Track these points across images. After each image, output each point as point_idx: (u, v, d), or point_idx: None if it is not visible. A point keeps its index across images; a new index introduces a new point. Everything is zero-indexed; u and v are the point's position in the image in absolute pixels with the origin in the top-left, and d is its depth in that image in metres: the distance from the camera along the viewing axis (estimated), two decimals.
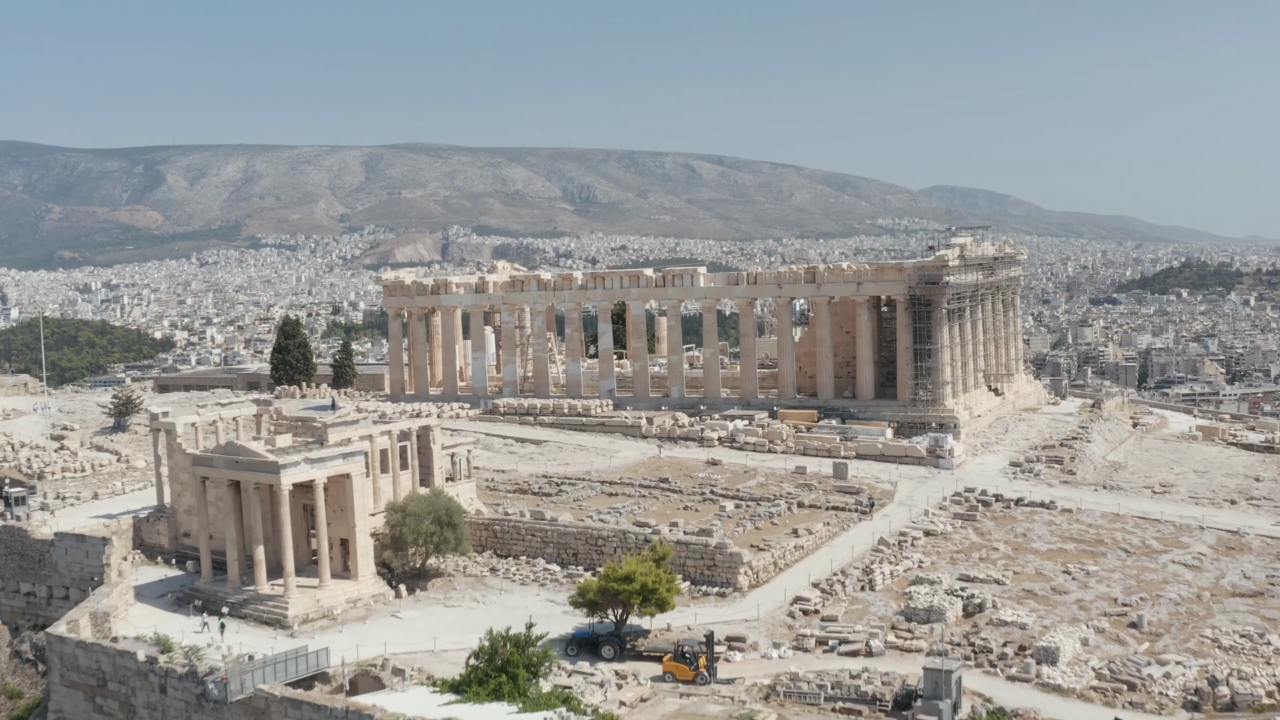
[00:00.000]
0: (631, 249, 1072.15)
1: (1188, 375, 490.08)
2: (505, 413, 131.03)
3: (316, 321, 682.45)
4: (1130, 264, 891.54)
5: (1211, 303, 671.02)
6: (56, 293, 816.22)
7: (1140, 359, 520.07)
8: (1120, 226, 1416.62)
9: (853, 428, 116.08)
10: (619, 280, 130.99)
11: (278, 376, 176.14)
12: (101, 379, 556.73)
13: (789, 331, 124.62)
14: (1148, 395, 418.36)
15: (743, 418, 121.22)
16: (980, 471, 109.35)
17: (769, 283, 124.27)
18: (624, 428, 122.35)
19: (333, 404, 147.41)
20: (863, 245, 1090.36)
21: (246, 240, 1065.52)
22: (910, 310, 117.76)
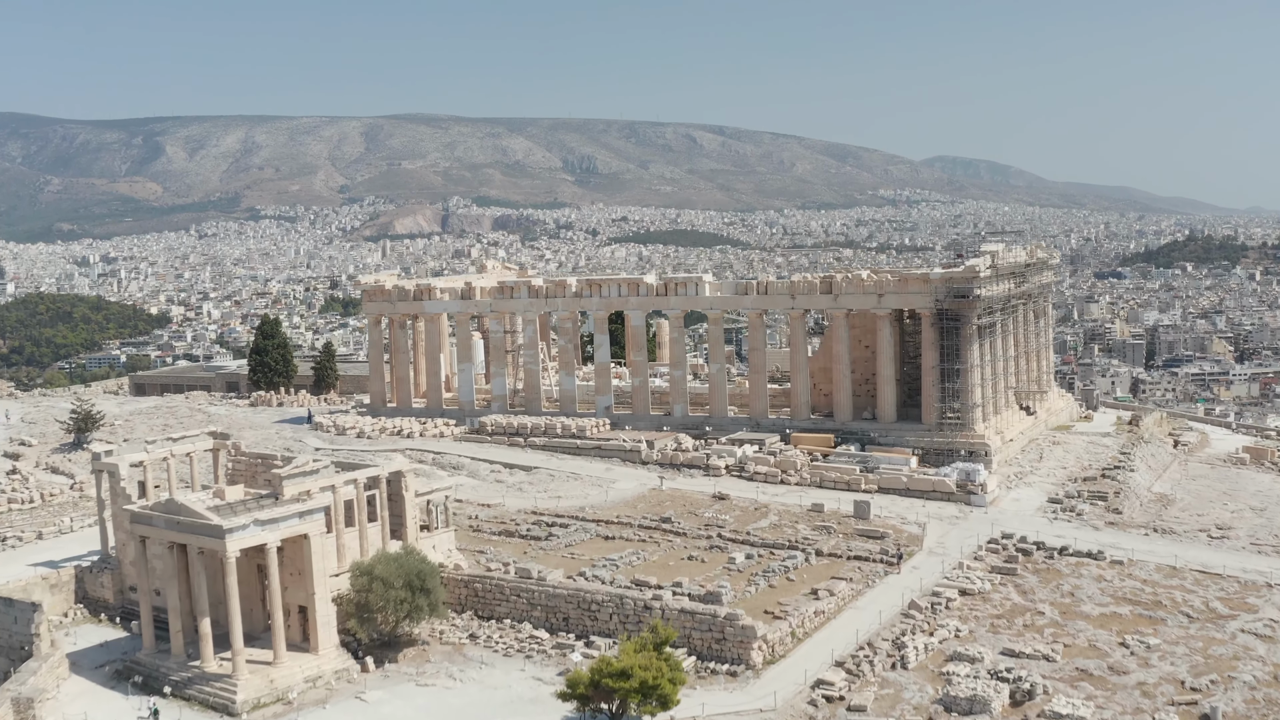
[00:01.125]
0: (632, 220, 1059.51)
1: (1195, 353, 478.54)
2: (493, 432, 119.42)
3: (314, 296, 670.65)
4: (1134, 236, 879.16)
5: (1217, 277, 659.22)
6: (54, 266, 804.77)
7: (1147, 336, 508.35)
8: (1122, 197, 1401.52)
9: (874, 456, 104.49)
10: (616, 288, 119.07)
11: (256, 379, 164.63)
12: (96, 355, 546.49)
13: (803, 346, 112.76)
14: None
15: (752, 442, 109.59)
16: (1016, 510, 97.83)
17: (781, 293, 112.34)
18: (622, 452, 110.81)
19: (309, 416, 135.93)
20: (864, 216, 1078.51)
21: (246, 212, 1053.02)
22: (937, 326, 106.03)
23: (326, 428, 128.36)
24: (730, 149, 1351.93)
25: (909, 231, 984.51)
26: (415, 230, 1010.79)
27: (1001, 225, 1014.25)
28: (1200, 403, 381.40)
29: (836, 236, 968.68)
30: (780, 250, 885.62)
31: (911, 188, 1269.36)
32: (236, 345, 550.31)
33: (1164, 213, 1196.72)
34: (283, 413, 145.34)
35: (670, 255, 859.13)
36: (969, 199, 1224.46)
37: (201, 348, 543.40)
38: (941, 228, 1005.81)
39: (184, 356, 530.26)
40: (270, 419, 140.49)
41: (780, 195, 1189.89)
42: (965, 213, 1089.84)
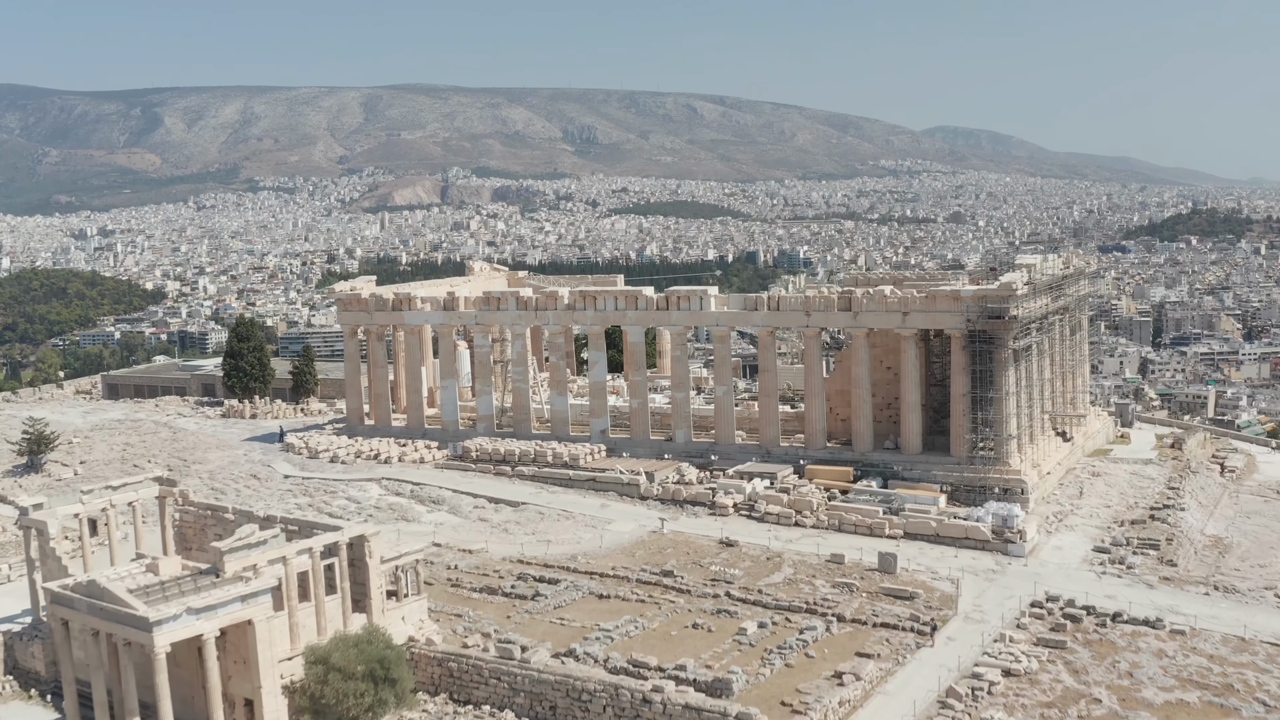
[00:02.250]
0: (632, 191, 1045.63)
1: (1203, 331, 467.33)
2: (478, 459, 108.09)
3: (311, 271, 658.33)
4: (1136, 208, 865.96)
5: (1222, 251, 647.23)
6: (51, 239, 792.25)
7: (1154, 313, 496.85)
8: (1124, 168, 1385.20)
9: (898, 494, 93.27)
10: (613, 300, 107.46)
11: (230, 384, 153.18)
12: (90, 332, 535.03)
13: (818, 367, 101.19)
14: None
15: (763, 475, 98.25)
16: (1059, 561, 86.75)
17: (794, 309, 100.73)
18: (618, 486, 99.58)
19: (281, 434, 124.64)
20: (865, 186, 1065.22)
21: (244, 183, 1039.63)
22: (968, 349, 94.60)
23: (298, 449, 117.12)
24: (731, 119, 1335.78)
25: (910, 202, 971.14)
26: (414, 201, 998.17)
27: (1003, 196, 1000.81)
28: (1211, 384, 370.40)
29: (838, 208, 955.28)
30: (781, 222, 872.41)
31: (913, 158, 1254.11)
32: (231, 322, 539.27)
33: (1166, 183, 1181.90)
34: (255, 426, 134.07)
35: (670, 227, 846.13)
36: (970, 169, 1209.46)
37: (196, 324, 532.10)
38: (943, 199, 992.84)
39: (178, 334, 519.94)
40: (241, 435, 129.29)
41: (781, 166, 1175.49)
42: (966, 183, 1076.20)
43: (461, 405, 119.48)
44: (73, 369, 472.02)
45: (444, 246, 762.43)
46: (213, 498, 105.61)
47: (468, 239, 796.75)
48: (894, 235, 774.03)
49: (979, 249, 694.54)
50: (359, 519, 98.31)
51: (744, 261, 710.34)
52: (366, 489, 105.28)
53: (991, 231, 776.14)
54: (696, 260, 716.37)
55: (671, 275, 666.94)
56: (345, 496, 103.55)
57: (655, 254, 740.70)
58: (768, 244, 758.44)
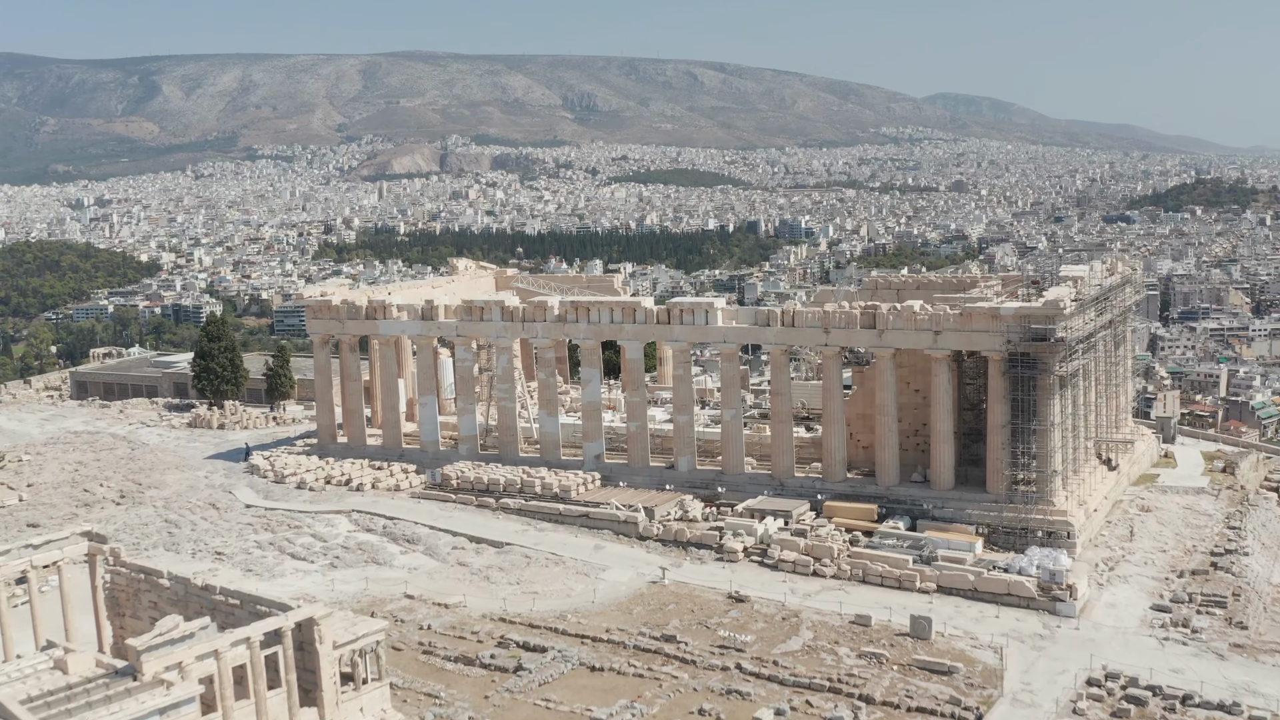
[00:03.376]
0: (632, 159, 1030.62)
1: (1212, 305, 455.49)
2: (459, 488, 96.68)
3: (308, 242, 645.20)
4: (1140, 177, 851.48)
5: (1227, 222, 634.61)
6: (47, 209, 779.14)
7: (1161, 286, 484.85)
8: (1126, 136, 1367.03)
9: (929, 538, 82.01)
10: (609, 312, 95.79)
11: (200, 386, 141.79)
12: (83, 306, 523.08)
13: (838, 390, 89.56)
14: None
15: (776, 512, 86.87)
16: (1114, 623, 75.60)
17: (812, 325, 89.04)
18: (614, 524, 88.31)
19: (246, 452, 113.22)
20: (866, 154, 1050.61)
21: (243, 151, 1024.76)
22: (1009, 374, 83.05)
23: (263, 471, 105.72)
24: (731, 86, 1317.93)
25: (912, 170, 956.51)
26: (413, 169, 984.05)
27: (1005, 164, 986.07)
28: (1222, 361, 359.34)
29: (839, 176, 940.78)
30: (782, 190, 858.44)
31: (914, 125, 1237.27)
32: (226, 294, 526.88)
33: (1168, 151, 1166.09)
34: (221, 439, 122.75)
35: (671, 196, 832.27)
36: (971, 137, 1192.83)
37: (190, 298, 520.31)
38: (945, 167, 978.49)
39: (172, 307, 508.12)
40: (205, 450, 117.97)
41: (782, 133, 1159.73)
42: (968, 151, 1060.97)
43: (443, 421, 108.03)
44: (65, 344, 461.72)
45: (442, 216, 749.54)
46: (165, 532, 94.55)
47: (466, 208, 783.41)
48: (896, 204, 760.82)
49: (982, 219, 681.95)
50: (324, 561, 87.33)
51: (745, 231, 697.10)
52: (335, 523, 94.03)
53: (994, 201, 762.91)
54: (697, 230, 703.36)
55: (672, 245, 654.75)
56: (311, 533, 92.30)
57: (655, 223, 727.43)
58: (769, 213, 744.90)
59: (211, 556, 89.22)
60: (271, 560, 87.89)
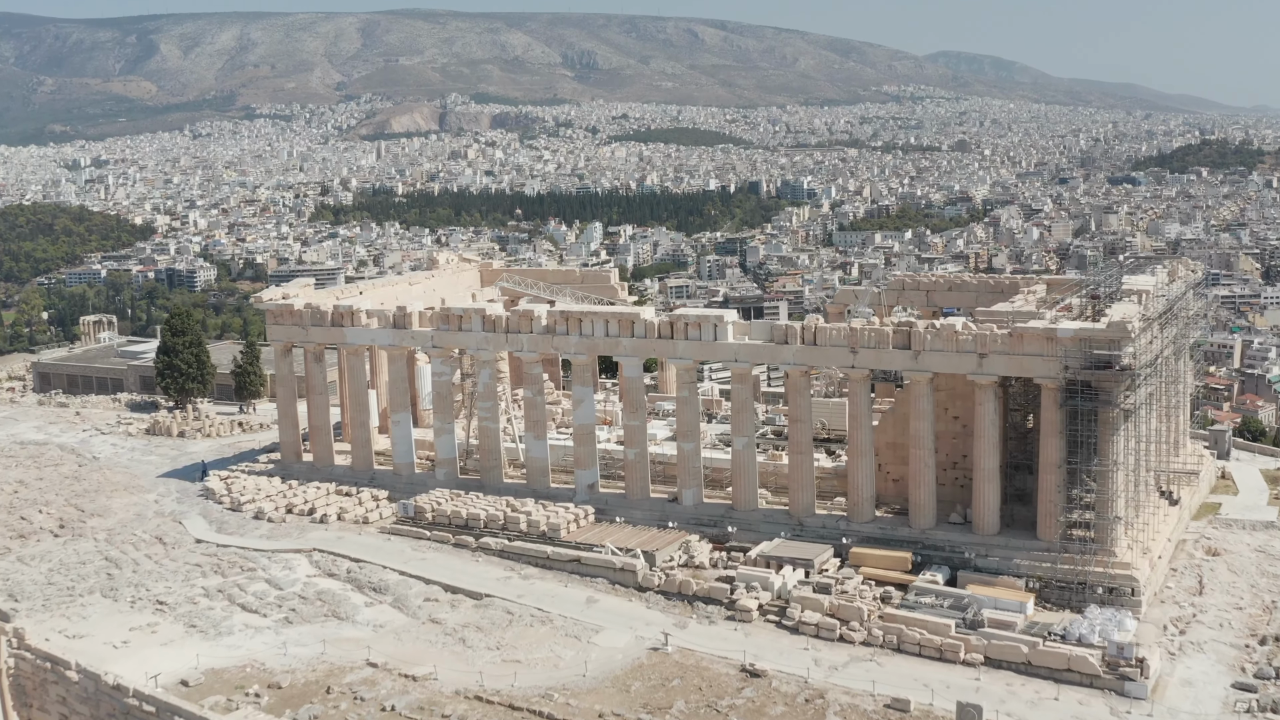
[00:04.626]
0: (633, 118, 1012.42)
1: (1222, 271, 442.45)
2: (435, 522, 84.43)
3: (304, 204, 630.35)
4: (1144, 137, 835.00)
5: (1234, 184, 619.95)
6: (44, 170, 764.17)
7: (1170, 250, 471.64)
8: (1128, 95, 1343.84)
9: (973, 596, 69.95)
10: (603, 324, 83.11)
11: (165, 384, 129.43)
12: (76, 270, 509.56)
13: (866, 418, 77.01)
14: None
15: (795, 560, 74.61)
16: (1193, 709, 63.50)
17: (836, 344, 76.41)
18: (610, 571, 76.25)
19: (203, 471, 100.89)
20: (868, 113, 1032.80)
21: (241, 111, 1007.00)
22: (1066, 406, 70.67)
23: (219, 496, 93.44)
24: (732, 44, 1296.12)
25: (914, 130, 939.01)
26: (412, 128, 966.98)
27: (1007, 123, 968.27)
28: (1235, 331, 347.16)
29: (840, 135, 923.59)
30: (783, 149, 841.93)
31: (916, 84, 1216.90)
32: (221, 259, 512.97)
33: (1171, 111, 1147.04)
34: (180, 451, 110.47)
35: (671, 155, 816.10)
36: (973, 95, 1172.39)
37: (184, 262, 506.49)
38: (947, 126, 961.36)
39: (166, 271, 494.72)
40: (159, 466, 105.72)
41: (783, 91, 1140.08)
42: (970, 110, 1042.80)
43: (421, 438, 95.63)
44: (56, 310, 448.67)
45: (441, 176, 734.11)
46: (105, 573, 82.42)
47: (465, 168, 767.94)
48: (899, 165, 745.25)
49: (986, 180, 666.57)
50: (279, 614, 75.16)
51: (746, 192, 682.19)
52: (294, 565, 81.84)
53: (998, 161, 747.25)
54: (698, 190, 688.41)
55: (672, 206, 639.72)
56: (266, 577, 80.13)
57: (656, 183, 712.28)
58: (770, 173, 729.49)
59: (153, 607, 77.12)
60: (219, 613, 75.78)
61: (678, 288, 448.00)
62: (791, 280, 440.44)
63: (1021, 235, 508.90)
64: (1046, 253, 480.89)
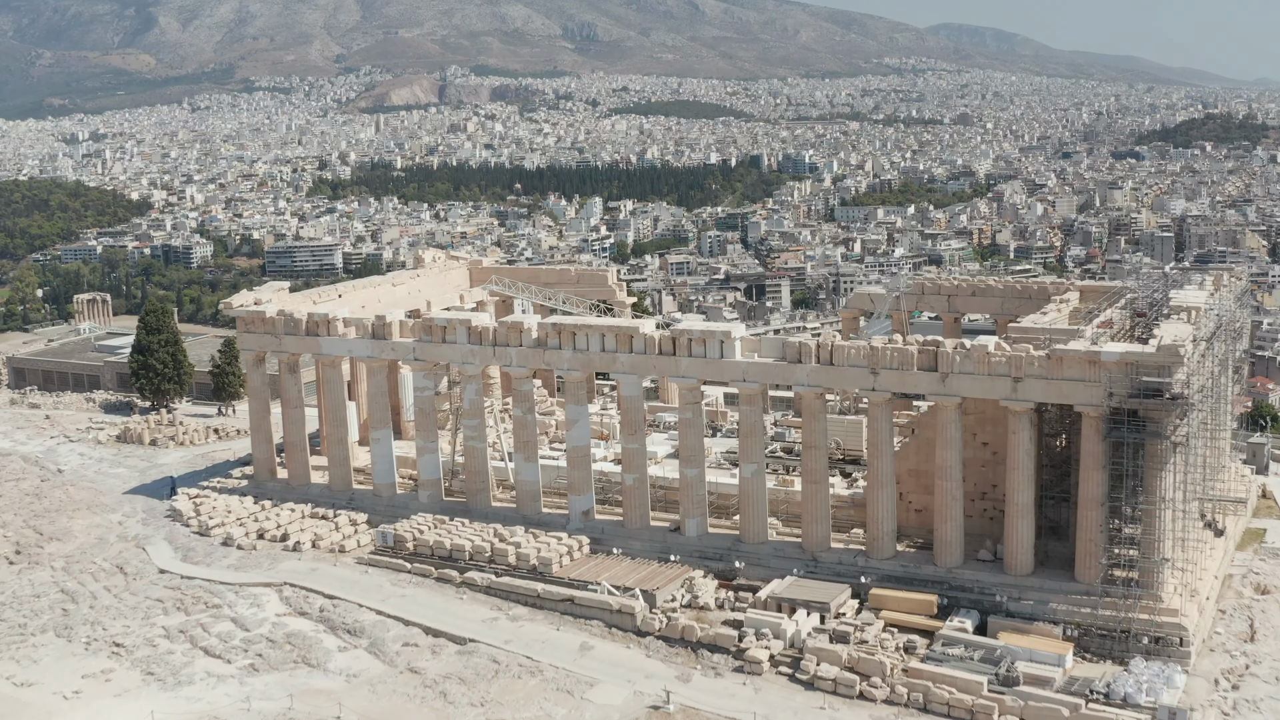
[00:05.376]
0: (633, 90, 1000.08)
1: (1228, 248, 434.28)
2: (416, 552, 77.26)
3: (302, 178, 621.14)
4: (1147, 111, 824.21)
5: (1239, 159, 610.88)
6: (42, 144, 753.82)
7: (1175, 226, 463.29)
8: (1130, 68, 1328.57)
9: (1006, 646, 62.91)
10: (599, 338, 75.77)
11: (140, 385, 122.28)
12: (72, 247, 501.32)
13: (887, 446, 69.70)
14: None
15: (810, 604, 67.46)
16: None
17: (855, 364, 68.97)
18: (605, 613, 69.18)
19: (172, 488, 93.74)
20: (869, 85, 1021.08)
21: (240, 83, 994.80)
22: (1111, 439, 63.41)
23: (187, 519, 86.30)
24: (733, 15, 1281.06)
25: (916, 102, 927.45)
26: (412, 101, 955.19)
27: (1009, 96, 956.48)
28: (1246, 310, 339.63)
29: (841, 107, 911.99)
30: (785, 122, 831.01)
31: (917, 56, 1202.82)
32: (217, 234, 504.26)
33: (1172, 84, 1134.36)
34: (150, 462, 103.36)
35: (672, 129, 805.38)
36: (975, 68, 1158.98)
37: (180, 238, 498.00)
38: (949, 98, 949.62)
39: (162, 248, 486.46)
40: (127, 480, 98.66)
41: (784, 64, 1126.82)
42: (972, 82, 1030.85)
43: (403, 455, 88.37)
44: (51, 287, 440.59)
45: (440, 150, 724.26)
46: (60, 608, 75.61)
47: (465, 141, 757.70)
48: (901, 138, 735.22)
49: (989, 154, 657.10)
50: (244, 660, 68.13)
51: (747, 166, 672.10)
52: (263, 602, 74.72)
53: (1000, 135, 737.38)
54: (699, 164, 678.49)
55: (673, 180, 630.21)
56: (232, 615, 73.07)
57: (656, 157, 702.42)
58: (771, 146, 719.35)
59: (109, 650, 70.18)
60: (180, 658, 68.74)
61: (678, 264, 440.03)
62: (793, 256, 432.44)
63: (1025, 211, 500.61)
64: (1051, 229, 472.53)
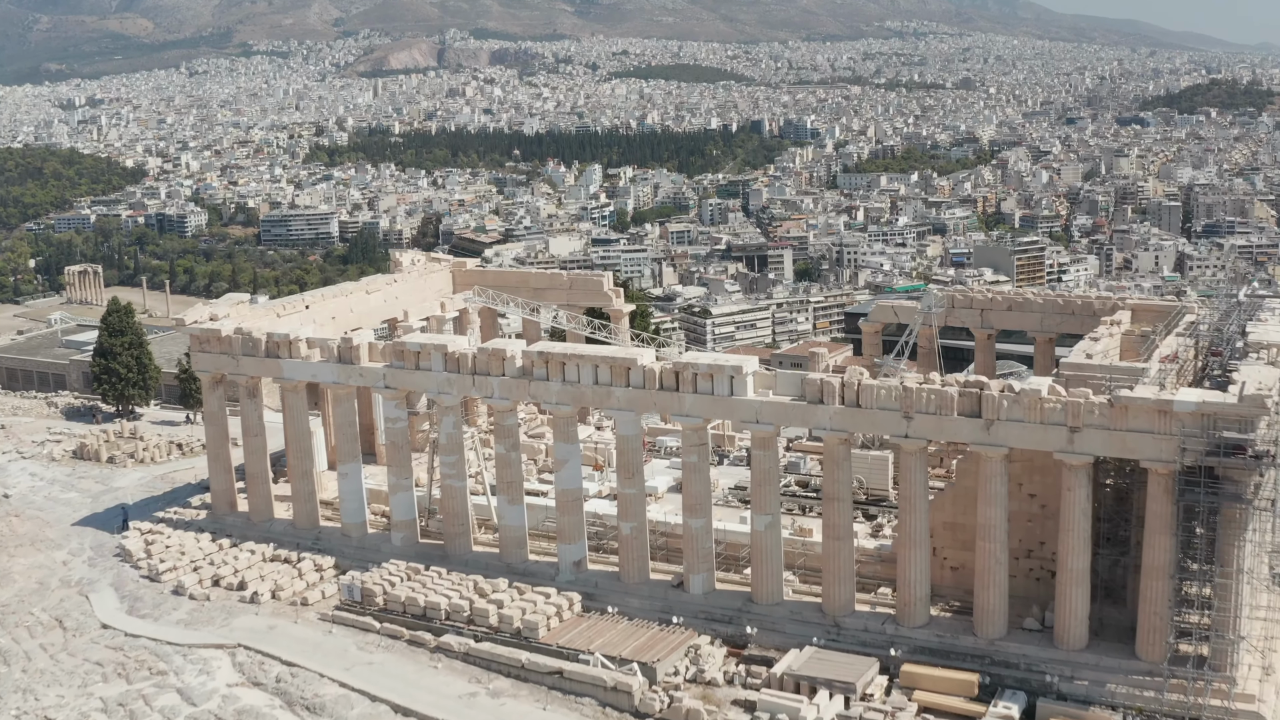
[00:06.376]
0: (633, 54, 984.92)
1: (1237, 218, 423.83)
2: (387, 608, 67.98)
3: (299, 145, 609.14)
4: (1150, 76, 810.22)
5: (1244, 125, 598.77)
6: (38, 110, 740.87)
7: (1183, 195, 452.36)
8: (1132, 31, 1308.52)
9: None
10: (591, 369, 66.11)
11: (102, 390, 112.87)
12: (65, 216, 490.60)
13: (921, 500, 60.29)
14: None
15: (833, 683, 58.33)
16: None
17: (886, 406, 59.39)
18: (599, 691, 60.12)
19: (124, 519, 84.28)
20: (871, 49, 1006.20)
21: (238, 47, 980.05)
22: (1184, 501, 54.21)
23: (137, 560, 76.99)
24: None
25: (917, 66, 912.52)
26: (411, 65, 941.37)
27: (1012, 60, 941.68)
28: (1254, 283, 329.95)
29: (843, 71, 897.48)
30: (786, 86, 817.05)
31: (918, 19, 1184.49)
32: (212, 203, 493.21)
33: (1175, 48, 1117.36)
34: (106, 483, 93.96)
35: (672, 93, 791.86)
36: (977, 31, 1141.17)
37: (175, 206, 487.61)
38: (950, 62, 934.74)
39: (156, 216, 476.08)
40: (79, 506, 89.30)
41: (785, 26, 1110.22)
42: (974, 46, 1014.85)
43: (375, 487, 79.01)
44: (44, 257, 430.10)
45: (439, 115, 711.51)
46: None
47: (463, 106, 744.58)
48: (903, 103, 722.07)
49: (992, 119, 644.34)
50: None
51: (748, 131, 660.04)
52: (213, 669, 65.47)
53: (1003, 100, 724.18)
54: (699, 129, 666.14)
55: (674, 146, 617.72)
56: (178, 685, 63.90)
57: (656, 122, 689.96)
58: (772, 111, 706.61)
59: None
60: None
61: (679, 233, 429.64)
62: (795, 225, 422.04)
63: (1030, 179, 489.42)
64: (1056, 197, 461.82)
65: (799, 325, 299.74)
